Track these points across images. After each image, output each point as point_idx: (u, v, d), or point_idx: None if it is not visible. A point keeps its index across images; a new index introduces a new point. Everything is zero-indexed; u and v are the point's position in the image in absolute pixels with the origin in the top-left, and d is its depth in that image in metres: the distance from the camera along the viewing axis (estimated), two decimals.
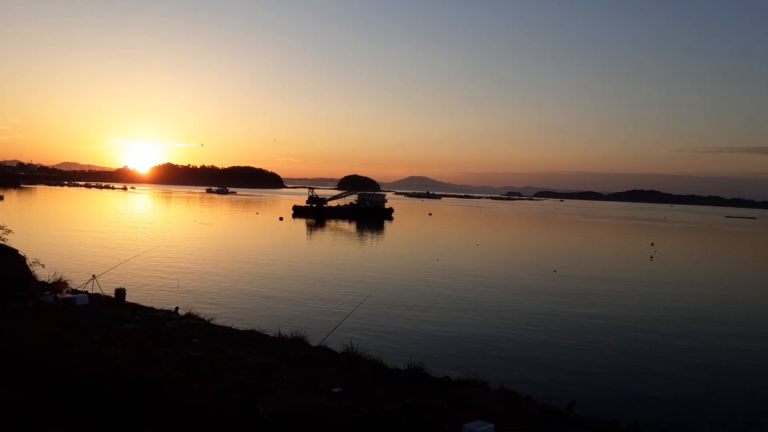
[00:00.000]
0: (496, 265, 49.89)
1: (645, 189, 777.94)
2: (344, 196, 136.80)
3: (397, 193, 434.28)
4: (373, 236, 77.75)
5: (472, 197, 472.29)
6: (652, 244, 78.16)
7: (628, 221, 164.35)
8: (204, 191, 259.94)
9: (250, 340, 15.65)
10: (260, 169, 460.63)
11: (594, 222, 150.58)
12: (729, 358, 23.12)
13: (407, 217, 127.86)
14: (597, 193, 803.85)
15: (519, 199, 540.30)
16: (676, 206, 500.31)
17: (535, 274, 44.78)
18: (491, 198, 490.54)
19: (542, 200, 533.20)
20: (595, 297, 35.78)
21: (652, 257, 62.48)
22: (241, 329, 17.28)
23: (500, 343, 23.70)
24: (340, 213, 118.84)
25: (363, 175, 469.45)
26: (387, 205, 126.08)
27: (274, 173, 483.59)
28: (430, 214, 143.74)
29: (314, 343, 15.74)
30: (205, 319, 18.53)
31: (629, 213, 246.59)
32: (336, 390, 11.38)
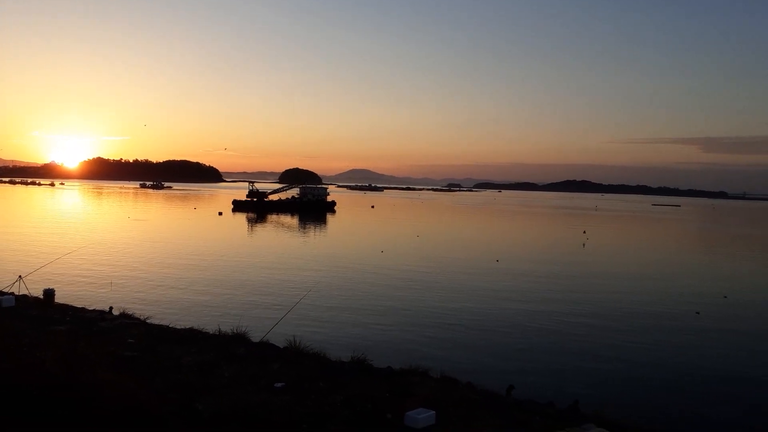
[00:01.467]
0: (438, 256, 50.66)
1: (578, 179, 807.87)
2: (286, 190, 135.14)
3: (339, 186, 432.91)
4: (315, 230, 77.31)
5: (414, 189, 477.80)
6: (585, 232, 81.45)
7: (562, 210, 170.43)
8: (138, 186, 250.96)
9: (189, 338, 15.29)
10: (197, 163, 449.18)
11: (530, 212, 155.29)
12: (656, 342, 24.48)
13: (350, 210, 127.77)
14: (533, 183, 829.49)
15: (459, 190, 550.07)
16: (607, 195, 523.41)
17: (478, 264, 45.81)
18: (432, 190, 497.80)
19: (481, 191, 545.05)
20: (533, 285, 36.98)
21: (584, 245, 65.13)
22: (179, 328, 16.85)
23: (442, 333, 24.16)
24: (282, 207, 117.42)
25: (304, 168, 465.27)
26: (329, 199, 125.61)
27: (212, 167, 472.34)
28: (372, 207, 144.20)
29: (256, 339, 15.55)
30: (141, 318, 17.96)
31: (563, 202, 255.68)
32: (279, 385, 11.31)
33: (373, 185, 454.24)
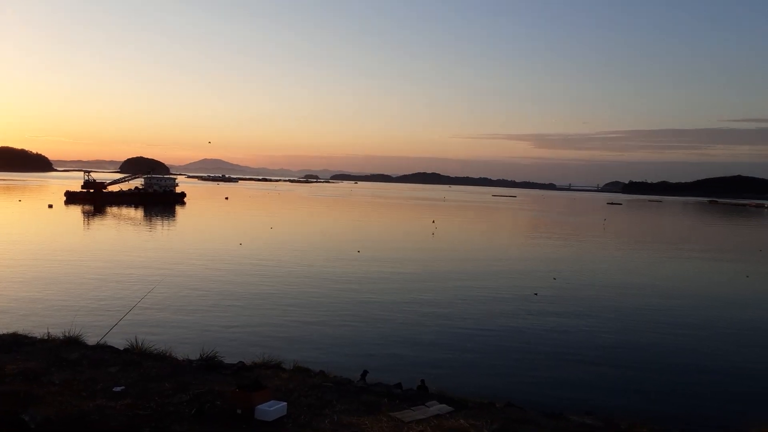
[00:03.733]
0: (296, 248, 50.45)
1: (428, 171, 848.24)
2: (128, 180, 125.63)
3: (189, 177, 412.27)
4: (161, 223, 72.94)
5: (271, 180, 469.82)
6: (434, 222, 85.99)
7: (415, 201, 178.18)
8: None
9: (12, 344, 13.77)
10: (22, 150, 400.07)
11: (386, 203, 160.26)
12: (502, 323, 26.71)
13: (201, 202, 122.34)
14: (387, 175, 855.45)
15: (316, 181, 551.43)
16: (454, 187, 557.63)
17: (339, 255, 46.32)
18: (290, 181, 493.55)
19: (338, 182, 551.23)
20: (388, 275, 38.37)
21: (433, 234, 68.77)
22: (1, 334, 15.10)
23: (299, 325, 24.22)
24: (124, 199, 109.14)
25: (149, 157, 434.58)
26: (178, 190, 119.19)
27: (39, 154, 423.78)
28: (226, 198, 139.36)
29: (92, 342, 14.44)
30: None
31: (415, 194, 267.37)
32: (118, 389, 10.64)
33: (227, 176, 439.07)
